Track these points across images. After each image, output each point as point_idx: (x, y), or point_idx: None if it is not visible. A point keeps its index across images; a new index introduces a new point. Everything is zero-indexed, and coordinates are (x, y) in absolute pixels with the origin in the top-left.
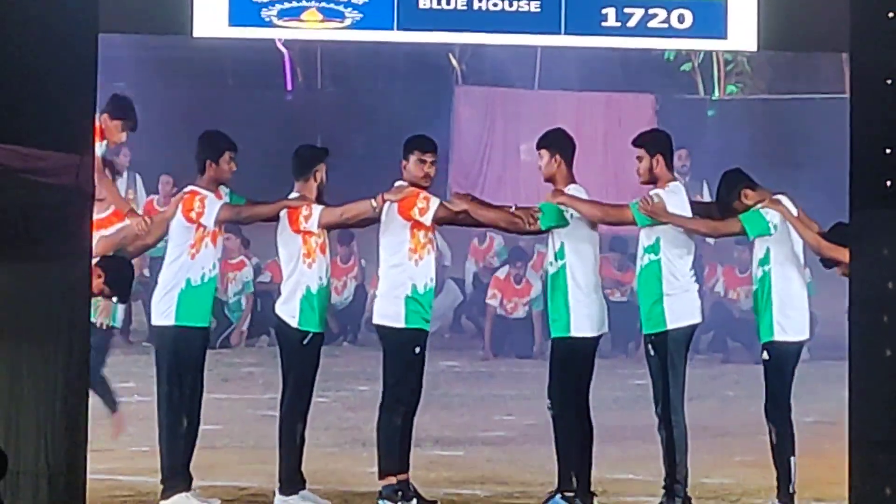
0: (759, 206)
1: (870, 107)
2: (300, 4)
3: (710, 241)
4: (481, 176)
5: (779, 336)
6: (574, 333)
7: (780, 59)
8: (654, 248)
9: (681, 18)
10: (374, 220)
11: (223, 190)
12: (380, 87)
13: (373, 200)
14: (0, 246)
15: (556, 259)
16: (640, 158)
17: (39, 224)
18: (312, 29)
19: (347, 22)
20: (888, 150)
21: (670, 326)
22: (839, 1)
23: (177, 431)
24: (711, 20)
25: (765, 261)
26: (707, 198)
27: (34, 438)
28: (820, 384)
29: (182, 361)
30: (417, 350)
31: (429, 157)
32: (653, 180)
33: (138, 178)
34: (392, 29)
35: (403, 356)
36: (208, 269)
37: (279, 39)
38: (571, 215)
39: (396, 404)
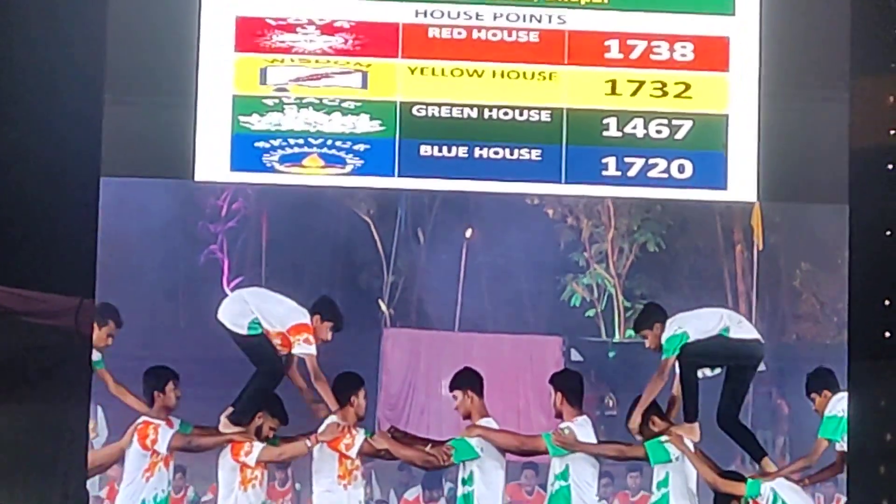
0: (662, 438)
1: (869, 258)
2: (302, 150)
3: None
4: (406, 408)
5: None
6: None
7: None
8: (563, 475)
9: (681, 168)
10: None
11: (174, 419)
12: None
13: (307, 441)
14: None
15: (464, 484)
16: (552, 394)
17: (38, 366)
18: (314, 175)
19: (348, 168)
20: (887, 302)
21: None
22: (839, 153)
23: None
24: (711, 171)
25: (663, 483)
26: None
27: None
28: None
29: None
30: None
31: (363, 395)
32: (561, 414)
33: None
34: (392, 176)
35: None
36: (161, 491)
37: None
38: (482, 449)
39: None
